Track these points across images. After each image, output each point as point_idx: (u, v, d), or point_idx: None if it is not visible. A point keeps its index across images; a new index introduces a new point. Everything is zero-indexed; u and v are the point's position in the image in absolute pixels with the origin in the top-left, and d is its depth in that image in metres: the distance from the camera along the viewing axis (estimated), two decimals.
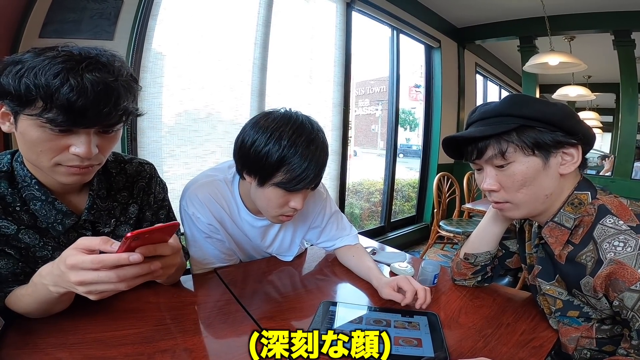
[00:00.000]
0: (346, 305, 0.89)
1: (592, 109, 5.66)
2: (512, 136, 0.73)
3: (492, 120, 0.76)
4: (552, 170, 0.74)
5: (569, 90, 3.94)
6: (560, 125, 0.72)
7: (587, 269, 0.70)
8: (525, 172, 0.74)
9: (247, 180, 0.95)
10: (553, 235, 0.78)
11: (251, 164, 0.90)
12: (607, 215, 0.70)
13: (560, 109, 0.73)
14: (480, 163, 0.79)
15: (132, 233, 0.52)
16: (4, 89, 0.60)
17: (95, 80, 0.60)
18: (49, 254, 0.75)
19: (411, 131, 5.34)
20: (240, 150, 0.91)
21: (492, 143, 0.75)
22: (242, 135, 0.92)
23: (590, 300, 0.73)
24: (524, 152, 0.73)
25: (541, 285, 0.84)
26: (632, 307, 0.64)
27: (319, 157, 0.89)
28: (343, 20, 2.83)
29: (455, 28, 4.20)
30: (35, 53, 0.61)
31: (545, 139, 0.72)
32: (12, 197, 0.71)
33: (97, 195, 0.80)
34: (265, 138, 0.86)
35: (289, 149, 0.85)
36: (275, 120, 0.88)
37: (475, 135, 0.76)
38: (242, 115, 2.30)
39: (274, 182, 0.88)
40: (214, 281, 1.01)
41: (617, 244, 0.66)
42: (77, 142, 0.64)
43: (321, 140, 0.91)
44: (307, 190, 0.95)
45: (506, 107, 0.75)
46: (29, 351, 0.65)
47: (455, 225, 3.16)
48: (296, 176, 0.86)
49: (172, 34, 1.94)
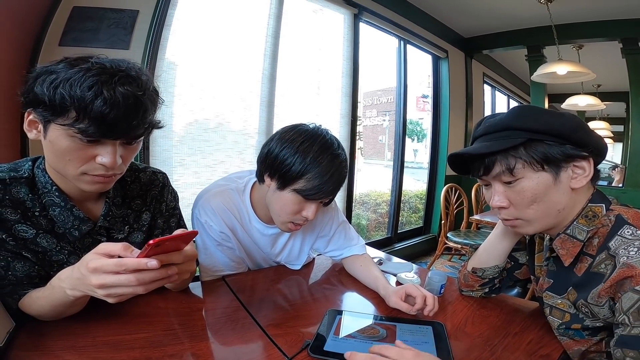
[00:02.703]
0: (352, 314, 0.89)
1: (603, 119, 5.61)
2: (519, 151, 0.71)
3: (498, 134, 0.74)
4: (564, 184, 0.71)
5: (578, 99, 3.90)
6: (569, 138, 0.69)
7: (604, 277, 0.68)
8: (535, 188, 0.71)
9: (265, 184, 0.98)
10: (564, 247, 0.76)
11: (274, 170, 0.94)
12: (624, 226, 0.68)
13: (568, 120, 0.70)
14: (488, 179, 0.77)
15: (155, 240, 0.53)
16: (38, 98, 0.62)
17: (127, 93, 0.63)
18: (65, 258, 0.77)
19: (419, 142, 5.32)
20: (266, 157, 0.96)
21: (499, 159, 0.72)
22: (269, 145, 0.96)
23: (593, 309, 0.71)
24: (533, 168, 0.71)
25: (551, 300, 0.83)
26: (626, 309, 0.62)
27: (340, 173, 0.94)
28: (351, 32, 2.87)
29: (462, 38, 4.22)
30: (69, 64, 0.62)
31: (554, 153, 0.70)
32: (32, 203, 0.73)
33: (113, 203, 0.82)
34: (292, 151, 0.91)
35: (313, 165, 0.90)
36: (302, 136, 0.93)
37: (481, 151, 0.74)
38: (252, 125, 2.33)
39: (294, 187, 0.92)
40: (222, 288, 1.02)
41: (631, 249, 0.64)
42: (103, 153, 0.66)
43: (343, 158, 0.97)
44: (320, 203, 0.99)
45: (512, 120, 0.72)
46: (39, 353, 0.67)
47: (463, 236, 3.13)
48: (316, 185, 0.91)
49: (185, 44, 1.99)
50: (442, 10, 3.59)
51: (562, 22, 3.32)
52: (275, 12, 2.39)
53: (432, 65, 4.07)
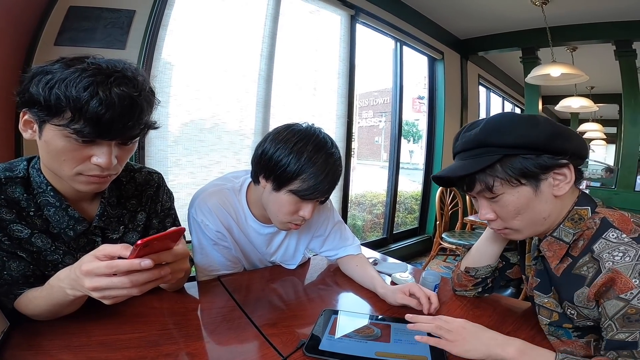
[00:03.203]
0: (347, 314, 0.90)
1: (596, 120, 5.66)
2: (495, 169, 0.72)
3: (474, 151, 0.75)
4: (545, 194, 0.72)
5: (571, 101, 3.94)
6: (545, 149, 0.70)
7: (587, 280, 0.69)
8: (517, 202, 0.72)
9: (261, 185, 0.99)
10: (551, 249, 0.77)
11: (269, 171, 0.94)
12: (609, 229, 0.69)
13: (543, 130, 0.70)
14: (473, 194, 0.79)
15: (142, 240, 0.54)
16: (33, 98, 0.62)
17: (122, 94, 0.63)
18: (60, 258, 0.77)
19: (414, 143, 5.34)
20: (261, 159, 0.96)
21: (477, 178, 0.74)
22: (263, 146, 0.96)
23: (582, 311, 0.72)
24: (511, 184, 0.72)
25: (538, 299, 0.84)
26: (611, 315, 0.63)
27: (334, 172, 0.95)
28: (347, 33, 2.87)
29: (458, 40, 4.24)
30: (65, 64, 0.62)
31: (530, 166, 0.70)
32: (26, 202, 0.73)
33: (108, 203, 0.82)
34: (287, 151, 0.91)
35: (307, 165, 0.90)
36: (296, 135, 0.93)
37: (458, 174, 0.75)
38: (247, 126, 2.33)
39: (290, 188, 0.92)
40: (217, 288, 1.02)
41: (616, 254, 0.65)
42: (98, 153, 0.66)
43: (338, 156, 0.97)
44: (317, 202, 0.99)
45: (486, 136, 0.72)
46: (33, 353, 0.67)
47: (457, 237, 3.15)
48: (311, 185, 0.91)
49: (181, 44, 1.99)
50: (438, 11, 3.61)
51: (556, 24, 3.35)
52: (272, 13, 2.40)
53: (428, 66, 4.08)
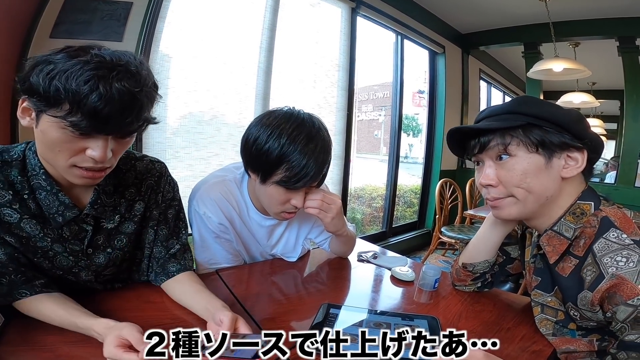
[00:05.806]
0: (347, 308, 0.89)
1: (597, 116, 5.63)
2: (517, 132, 0.73)
3: (500, 117, 0.76)
4: (554, 171, 0.73)
5: (573, 97, 3.92)
6: (568, 128, 0.71)
7: (586, 283, 0.69)
8: (526, 168, 0.72)
9: (252, 177, 0.97)
10: (551, 244, 0.77)
11: (254, 161, 0.92)
12: (610, 229, 0.68)
13: (569, 112, 0.73)
14: (482, 157, 0.79)
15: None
16: (32, 87, 0.60)
17: (123, 90, 0.61)
18: (48, 245, 0.75)
19: (414, 137, 5.32)
20: (245, 147, 0.94)
21: (496, 137, 0.74)
22: (247, 133, 0.94)
23: (585, 314, 0.72)
24: (527, 148, 0.72)
25: (540, 298, 0.83)
26: (623, 319, 0.63)
27: (318, 154, 0.90)
28: (348, 26, 2.85)
29: (459, 34, 4.21)
30: (68, 54, 0.61)
31: (551, 138, 0.71)
32: (21, 185, 0.72)
33: (103, 191, 0.80)
34: (266, 135, 0.88)
35: (289, 146, 0.87)
36: (277, 118, 0.91)
37: (481, 127, 0.76)
38: (246, 118, 2.31)
39: (275, 180, 0.90)
40: (216, 282, 1.01)
41: (619, 259, 0.65)
42: (93, 146, 0.65)
43: (322, 137, 0.92)
44: (310, 189, 0.96)
45: (517, 105, 0.75)
46: (28, 348, 0.66)
47: (457, 231, 3.16)
48: (295, 174, 0.88)
49: (179, 36, 1.97)
50: (439, 5, 3.58)
51: (559, 20, 3.32)
52: (272, 5, 2.37)
53: (429, 60, 4.06)
